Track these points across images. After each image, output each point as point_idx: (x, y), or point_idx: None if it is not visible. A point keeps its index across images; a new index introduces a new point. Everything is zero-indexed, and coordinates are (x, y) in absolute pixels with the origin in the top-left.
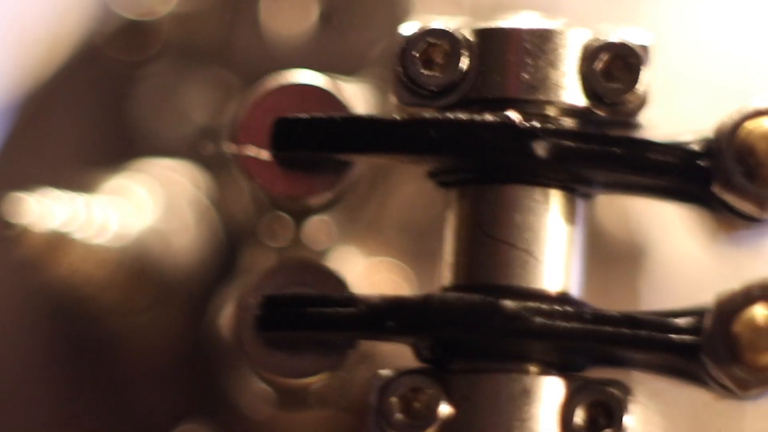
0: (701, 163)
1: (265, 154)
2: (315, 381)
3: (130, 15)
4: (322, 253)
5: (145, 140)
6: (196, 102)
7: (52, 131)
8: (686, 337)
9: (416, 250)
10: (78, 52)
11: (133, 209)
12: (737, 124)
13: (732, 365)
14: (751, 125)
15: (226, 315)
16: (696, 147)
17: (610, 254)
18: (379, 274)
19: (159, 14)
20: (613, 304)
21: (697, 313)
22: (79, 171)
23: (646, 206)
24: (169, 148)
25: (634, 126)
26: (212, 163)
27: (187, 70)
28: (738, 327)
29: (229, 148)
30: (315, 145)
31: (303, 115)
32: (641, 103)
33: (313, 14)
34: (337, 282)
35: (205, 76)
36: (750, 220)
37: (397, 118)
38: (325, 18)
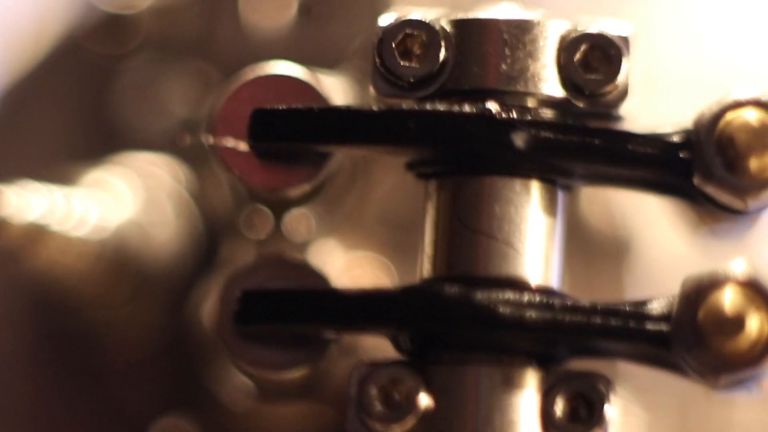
0: (681, 154)
1: (242, 146)
2: (295, 375)
3: (111, 8)
4: (302, 246)
5: (126, 133)
6: (177, 95)
7: (32, 125)
8: (658, 326)
9: (397, 243)
10: (58, 46)
11: (113, 202)
12: (717, 116)
13: (700, 352)
14: (730, 116)
15: (206, 308)
16: (676, 139)
17: (594, 248)
18: (360, 268)
19: (139, 8)
20: (598, 297)
21: (670, 301)
22: (59, 164)
23: (631, 200)
24: (150, 141)
25: (615, 118)
26: (192, 156)
27: (168, 63)
28: (703, 313)
29: (207, 139)
30: (292, 136)
31: (280, 106)
32: (621, 94)
33: (293, 7)
34: (317, 278)
35: (185, 69)
36: (732, 212)
37: (374, 108)
38: (305, 10)
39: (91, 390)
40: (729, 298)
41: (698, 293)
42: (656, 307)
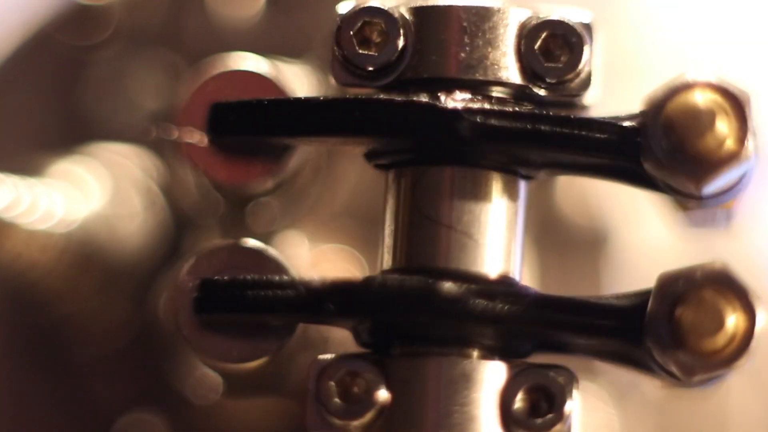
0: (637, 140)
1: (204, 141)
2: (255, 365)
3: (81, 0)
4: (267, 238)
5: (95, 125)
6: (146, 86)
7: (1, 116)
8: (630, 322)
9: (366, 235)
10: (28, 37)
11: (80, 194)
12: (664, 99)
13: (676, 350)
14: (677, 99)
15: (164, 299)
16: (630, 123)
17: (570, 240)
18: (328, 260)
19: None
20: (574, 290)
21: (644, 297)
22: (26, 155)
23: (606, 191)
24: (119, 132)
25: (579, 106)
26: (161, 147)
27: (137, 54)
28: (681, 311)
29: (171, 134)
30: (246, 130)
31: (234, 100)
32: (584, 82)
33: None
34: (275, 265)
35: (154, 60)
36: (693, 198)
37: (320, 99)
38: (272, 0)
39: (57, 385)
40: (706, 296)
41: (676, 290)
42: (624, 301)
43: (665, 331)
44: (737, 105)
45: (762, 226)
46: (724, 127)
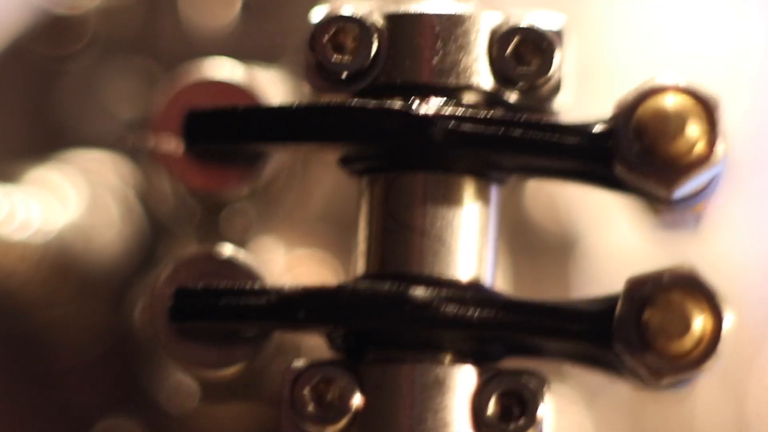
0: (606, 144)
1: (180, 148)
2: (230, 372)
3: (57, 10)
4: (242, 243)
5: (72, 133)
6: (123, 94)
7: None
8: (599, 325)
9: (340, 240)
10: (4, 48)
11: (57, 203)
12: (634, 103)
13: (644, 353)
14: (647, 103)
15: (140, 307)
16: (600, 128)
17: (539, 245)
18: (303, 265)
19: (85, 8)
20: (544, 294)
21: (613, 300)
22: (4, 164)
23: (576, 195)
24: (96, 140)
25: (550, 111)
26: (137, 155)
27: (113, 62)
28: (649, 314)
29: (146, 142)
30: (222, 137)
31: (209, 108)
32: (555, 87)
33: (236, 4)
34: (249, 273)
35: (130, 68)
36: (662, 202)
37: (294, 106)
38: (247, 7)
39: (35, 392)
40: (673, 299)
41: (643, 293)
42: (593, 305)
43: (633, 333)
44: (707, 109)
45: (730, 228)
46: (695, 131)
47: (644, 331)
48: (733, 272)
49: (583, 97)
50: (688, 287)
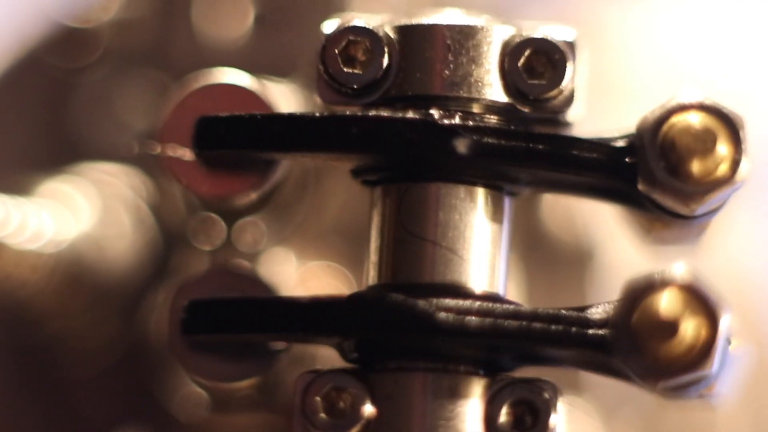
0: (627, 159)
1: (188, 155)
2: (244, 385)
3: (71, 22)
4: (255, 256)
5: (85, 145)
6: (135, 107)
7: None
8: (599, 331)
9: (353, 251)
10: (19, 60)
11: (69, 214)
12: (660, 120)
13: (636, 356)
14: (673, 120)
15: (154, 319)
16: (621, 143)
17: (556, 257)
18: (316, 277)
19: (98, 21)
20: (560, 306)
21: (611, 306)
22: (16, 175)
23: (593, 208)
24: (108, 152)
25: (562, 123)
26: (150, 166)
27: (126, 75)
28: (638, 317)
29: (154, 148)
30: (235, 144)
31: (223, 114)
32: (567, 100)
33: (249, 16)
34: (264, 288)
35: (143, 81)
36: (680, 217)
37: (317, 115)
38: (260, 19)
39: (46, 403)
40: (664, 302)
41: (634, 297)
42: (597, 312)
43: (625, 337)
44: (733, 128)
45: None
46: (723, 149)
47: (635, 335)
48: (754, 282)
49: (598, 111)
50: (681, 290)
